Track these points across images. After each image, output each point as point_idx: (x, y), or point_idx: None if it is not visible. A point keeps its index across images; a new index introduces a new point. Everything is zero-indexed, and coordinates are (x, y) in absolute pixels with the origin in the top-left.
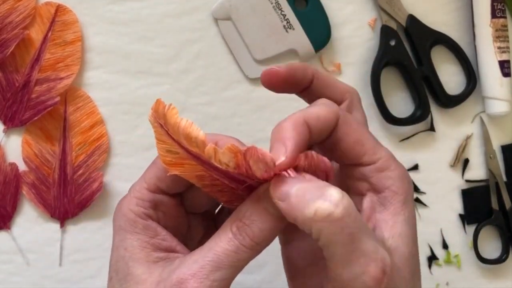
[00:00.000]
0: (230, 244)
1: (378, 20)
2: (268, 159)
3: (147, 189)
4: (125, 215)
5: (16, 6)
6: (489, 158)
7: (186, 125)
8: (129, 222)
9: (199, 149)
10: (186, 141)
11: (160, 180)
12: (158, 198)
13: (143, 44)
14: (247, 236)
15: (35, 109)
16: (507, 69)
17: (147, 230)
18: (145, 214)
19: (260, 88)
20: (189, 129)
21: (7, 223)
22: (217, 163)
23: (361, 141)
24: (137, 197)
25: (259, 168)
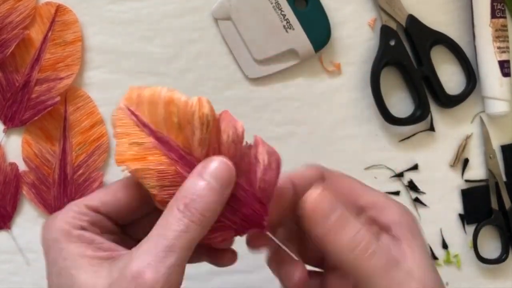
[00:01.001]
0: (180, 224)
1: (378, 20)
2: (239, 124)
3: (87, 207)
4: (60, 227)
5: (16, 6)
6: (488, 158)
7: (169, 89)
8: (64, 232)
9: (179, 110)
10: (165, 108)
11: (103, 203)
12: (95, 216)
13: (143, 44)
14: (196, 210)
15: (35, 109)
16: (507, 69)
17: (82, 238)
18: (81, 226)
19: (260, 88)
20: (171, 92)
21: (7, 223)
22: (199, 119)
23: (354, 187)
24: (74, 210)
25: (227, 134)
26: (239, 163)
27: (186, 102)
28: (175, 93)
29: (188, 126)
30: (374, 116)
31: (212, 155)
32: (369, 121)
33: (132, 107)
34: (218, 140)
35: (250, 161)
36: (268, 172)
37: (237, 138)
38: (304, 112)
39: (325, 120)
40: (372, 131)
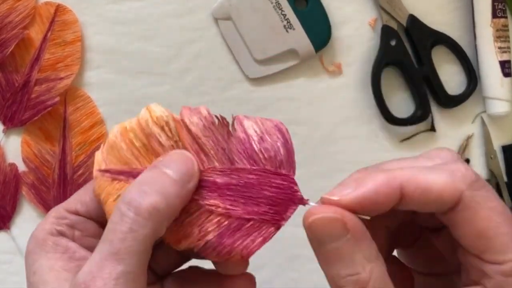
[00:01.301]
0: (123, 222)
1: (379, 20)
2: (201, 108)
3: (66, 210)
4: (35, 236)
5: (16, 6)
6: (489, 158)
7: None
8: (38, 242)
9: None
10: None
11: (82, 203)
12: (75, 218)
13: (143, 44)
14: (144, 202)
15: (35, 109)
16: (508, 69)
17: (57, 246)
18: (58, 231)
19: (260, 88)
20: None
21: (6, 223)
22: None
23: (488, 234)
24: (53, 215)
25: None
26: (229, 148)
27: (136, 119)
28: (124, 122)
29: (151, 139)
30: (375, 116)
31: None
32: (370, 121)
33: (102, 167)
34: (192, 138)
35: (241, 141)
36: (265, 139)
37: (206, 120)
38: (304, 112)
39: (325, 120)
40: (373, 131)
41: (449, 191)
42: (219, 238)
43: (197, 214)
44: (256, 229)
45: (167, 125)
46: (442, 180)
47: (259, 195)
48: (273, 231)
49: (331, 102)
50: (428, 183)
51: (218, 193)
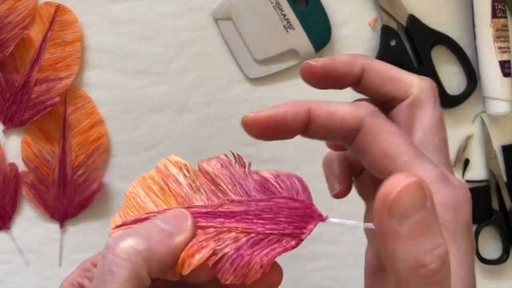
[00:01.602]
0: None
1: (379, 20)
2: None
3: (91, 263)
4: (61, 286)
5: (16, 6)
6: (489, 159)
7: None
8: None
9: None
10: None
11: None
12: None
13: (143, 44)
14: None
15: (35, 109)
16: (508, 69)
17: None
18: (78, 282)
19: (260, 88)
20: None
21: (6, 224)
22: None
23: (390, 154)
24: (80, 267)
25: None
26: (246, 184)
27: (154, 168)
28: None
29: (169, 179)
30: None
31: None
32: None
33: (118, 223)
34: (209, 177)
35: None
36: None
37: (223, 161)
38: None
39: None
40: None
41: (351, 115)
42: (237, 250)
43: (215, 233)
44: (276, 242)
45: (185, 167)
46: (345, 107)
47: (277, 216)
48: (294, 245)
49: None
50: (332, 109)
51: (236, 218)
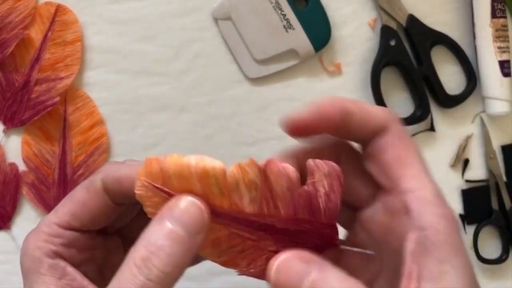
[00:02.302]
0: (135, 282)
1: (378, 20)
2: (291, 171)
3: (58, 225)
4: (31, 254)
5: (16, 6)
6: (489, 158)
7: (198, 159)
8: (35, 262)
9: (218, 182)
10: (200, 182)
11: (74, 217)
12: (69, 235)
13: (143, 44)
14: (154, 267)
15: (35, 109)
16: (507, 69)
17: (54, 270)
18: (54, 252)
19: (260, 88)
20: (202, 162)
21: (7, 223)
22: (245, 186)
23: (407, 160)
24: (46, 232)
25: (281, 185)
26: (296, 202)
27: (223, 172)
28: (206, 163)
29: (233, 194)
30: None
31: (266, 209)
32: None
33: (158, 182)
34: (270, 190)
35: (308, 193)
36: (331, 196)
37: (293, 185)
38: None
39: None
40: None
41: (382, 115)
42: (264, 271)
43: (251, 251)
44: None
45: (255, 188)
46: (379, 108)
47: (307, 241)
48: None
49: None
50: (368, 108)
51: (275, 236)
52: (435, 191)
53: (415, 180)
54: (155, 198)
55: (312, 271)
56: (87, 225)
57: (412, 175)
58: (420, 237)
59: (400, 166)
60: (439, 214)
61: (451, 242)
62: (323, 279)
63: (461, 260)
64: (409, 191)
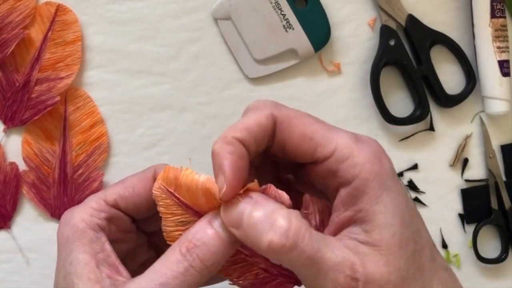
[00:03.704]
0: (179, 265)
1: (378, 20)
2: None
3: (105, 201)
4: (75, 225)
5: (16, 6)
6: (488, 158)
7: (205, 180)
8: (78, 232)
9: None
10: (204, 196)
11: (122, 198)
12: (114, 212)
13: (143, 44)
14: (197, 257)
15: (35, 109)
16: (507, 68)
17: (94, 244)
18: (98, 225)
19: (260, 87)
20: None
21: (7, 223)
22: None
23: (308, 135)
24: (93, 207)
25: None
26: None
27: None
28: (212, 184)
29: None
30: (374, 116)
31: None
32: (369, 120)
33: (171, 188)
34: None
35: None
36: (320, 230)
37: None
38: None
39: (324, 120)
40: (372, 130)
41: (262, 120)
42: (252, 285)
43: (242, 265)
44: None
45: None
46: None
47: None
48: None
49: (331, 101)
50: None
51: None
52: (349, 140)
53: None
54: (167, 200)
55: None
56: (131, 209)
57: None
58: (349, 190)
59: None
60: (360, 162)
61: (378, 184)
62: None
63: (390, 197)
64: (328, 155)
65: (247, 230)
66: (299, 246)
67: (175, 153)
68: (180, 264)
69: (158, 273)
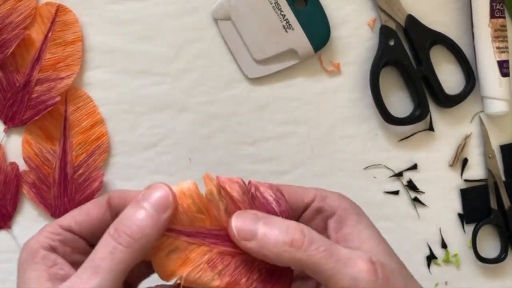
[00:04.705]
0: (107, 246)
1: (377, 20)
2: (238, 178)
3: (60, 226)
4: (30, 246)
5: (17, 6)
6: (488, 158)
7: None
8: (31, 253)
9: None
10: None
11: (76, 223)
12: (68, 236)
13: (143, 44)
14: (124, 233)
15: (36, 109)
16: (506, 69)
17: (46, 260)
18: (51, 246)
19: (260, 87)
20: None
21: (7, 223)
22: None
23: (293, 191)
24: (48, 230)
25: (236, 191)
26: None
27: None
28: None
29: (210, 207)
30: (374, 116)
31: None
32: (369, 121)
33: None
34: (231, 198)
35: (263, 204)
36: (280, 202)
37: (244, 189)
38: (303, 112)
39: (324, 120)
40: (372, 131)
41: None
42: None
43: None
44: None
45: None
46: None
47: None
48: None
49: (330, 101)
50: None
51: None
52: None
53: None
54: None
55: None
56: (85, 232)
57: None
58: (335, 219)
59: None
60: (336, 198)
61: (354, 211)
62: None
63: (366, 220)
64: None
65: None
66: (315, 240)
67: (175, 153)
68: (108, 245)
69: (91, 261)
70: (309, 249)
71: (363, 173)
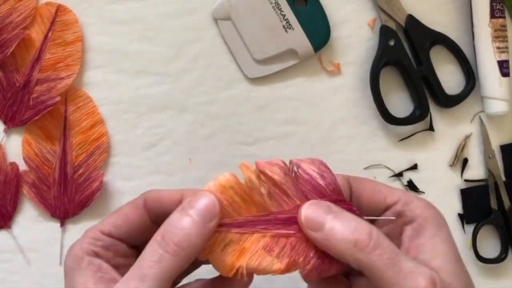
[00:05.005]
0: (154, 254)
1: (378, 20)
2: (278, 160)
3: (101, 231)
4: (75, 253)
5: (17, 6)
6: (488, 158)
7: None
8: (76, 259)
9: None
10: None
11: (116, 227)
12: (109, 241)
13: (143, 44)
14: (171, 241)
15: (36, 109)
16: (506, 69)
17: (91, 265)
18: (94, 251)
19: (260, 87)
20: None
21: (7, 222)
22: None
23: (377, 190)
24: (90, 236)
25: (277, 173)
26: (301, 187)
27: (235, 176)
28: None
29: (253, 194)
30: (374, 116)
31: (282, 201)
32: (369, 121)
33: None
34: (272, 181)
35: (307, 180)
36: (324, 175)
37: (287, 169)
38: (303, 112)
39: (324, 120)
40: (372, 131)
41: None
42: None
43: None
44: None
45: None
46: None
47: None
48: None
49: (330, 101)
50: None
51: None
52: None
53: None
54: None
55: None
56: (125, 236)
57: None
58: (413, 226)
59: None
60: (420, 205)
61: (436, 223)
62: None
63: (445, 234)
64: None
65: (328, 233)
66: (381, 246)
67: (175, 153)
68: (155, 253)
69: (137, 268)
70: (372, 253)
71: (363, 173)
